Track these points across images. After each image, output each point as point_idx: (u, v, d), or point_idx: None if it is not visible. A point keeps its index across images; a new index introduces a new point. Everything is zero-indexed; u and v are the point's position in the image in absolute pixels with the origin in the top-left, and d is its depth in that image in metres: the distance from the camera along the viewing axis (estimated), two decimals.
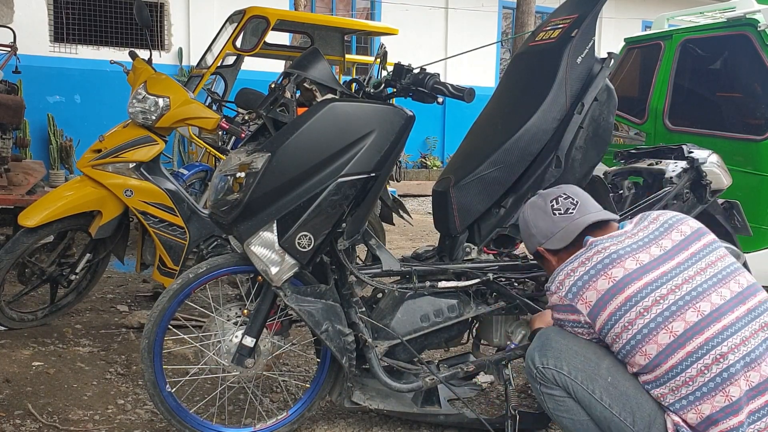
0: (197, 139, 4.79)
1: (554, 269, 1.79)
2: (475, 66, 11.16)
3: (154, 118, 3.22)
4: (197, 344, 2.24)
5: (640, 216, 1.80)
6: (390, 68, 2.24)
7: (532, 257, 2.08)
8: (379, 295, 2.40)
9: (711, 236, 1.69)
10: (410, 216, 4.56)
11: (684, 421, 1.54)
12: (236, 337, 2.17)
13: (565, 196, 1.88)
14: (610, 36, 11.46)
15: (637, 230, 1.72)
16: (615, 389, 1.62)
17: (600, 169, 2.66)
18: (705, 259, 1.61)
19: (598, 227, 1.82)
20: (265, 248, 2.03)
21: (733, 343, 1.50)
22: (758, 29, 3.65)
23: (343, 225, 2.12)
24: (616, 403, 1.61)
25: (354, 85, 2.25)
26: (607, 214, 1.84)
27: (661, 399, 1.58)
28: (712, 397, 1.49)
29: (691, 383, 1.51)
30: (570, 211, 1.84)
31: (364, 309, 2.24)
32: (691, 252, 1.62)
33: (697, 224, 1.71)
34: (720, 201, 2.76)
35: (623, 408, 1.60)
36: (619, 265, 1.60)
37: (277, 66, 7.96)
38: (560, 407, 1.71)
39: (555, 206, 1.87)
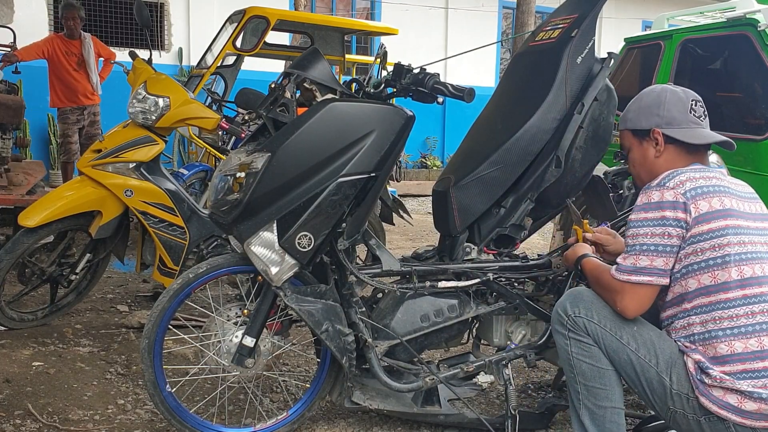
0: (197, 139, 4.79)
1: (641, 158, 1.97)
2: (475, 66, 11.15)
3: (154, 118, 3.22)
4: (197, 344, 2.24)
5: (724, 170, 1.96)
6: (390, 68, 2.24)
7: (629, 131, 2.05)
8: (379, 295, 2.40)
9: None
10: (410, 216, 4.56)
11: (705, 355, 1.73)
12: (236, 337, 2.17)
13: (701, 104, 1.98)
14: (610, 36, 11.44)
15: (734, 182, 1.89)
16: (640, 336, 1.81)
17: (600, 169, 2.65)
18: None
19: (706, 148, 1.96)
20: (265, 248, 2.04)
21: None
22: (758, 29, 3.65)
23: (343, 225, 2.12)
24: (642, 347, 1.80)
25: (354, 85, 2.25)
26: (722, 139, 1.95)
27: (690, 328, 1.77)
28: (748, 338, 1.70)
29: (735, 319, 1.72)
30: (702, 119, 1.96)
31: (364, 309, 2.24)
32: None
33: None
34: None
35: (648, 351, 1.79)
36: (729, 198, 1.81)
37: (277, 66, 7.95)
38: (584, 353, 1.86)
39: (693, 106, 1.96)
